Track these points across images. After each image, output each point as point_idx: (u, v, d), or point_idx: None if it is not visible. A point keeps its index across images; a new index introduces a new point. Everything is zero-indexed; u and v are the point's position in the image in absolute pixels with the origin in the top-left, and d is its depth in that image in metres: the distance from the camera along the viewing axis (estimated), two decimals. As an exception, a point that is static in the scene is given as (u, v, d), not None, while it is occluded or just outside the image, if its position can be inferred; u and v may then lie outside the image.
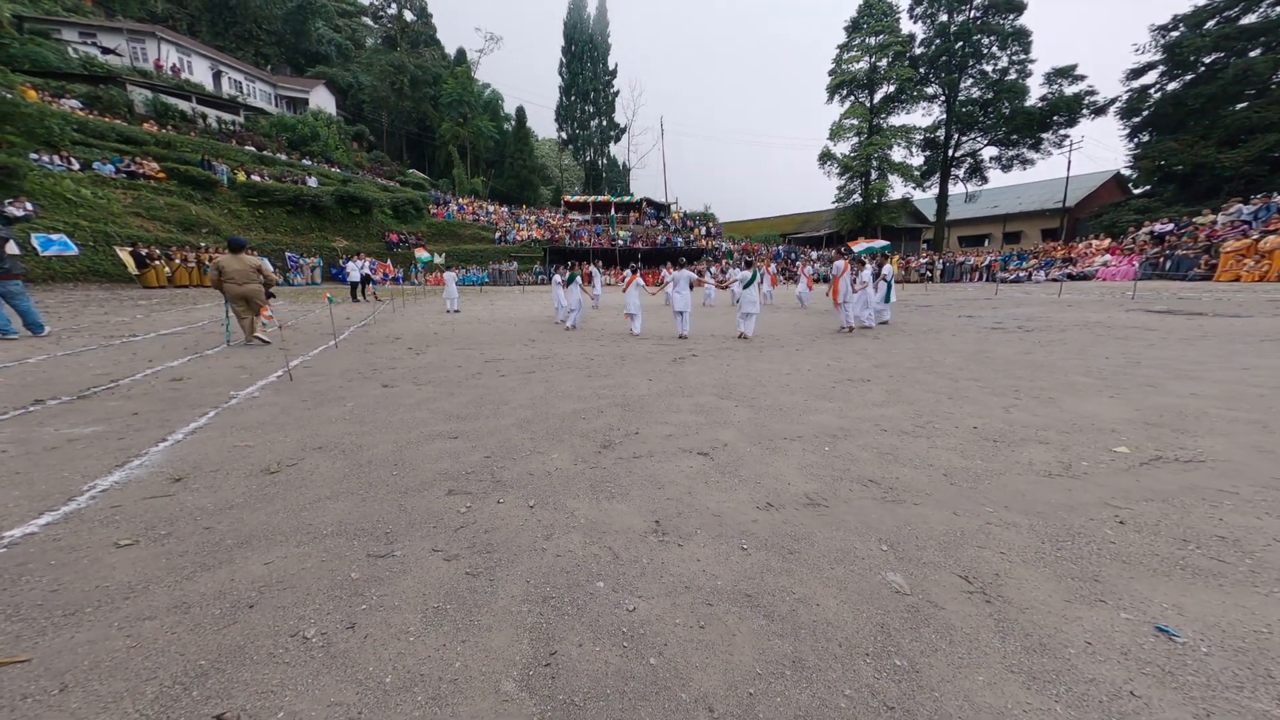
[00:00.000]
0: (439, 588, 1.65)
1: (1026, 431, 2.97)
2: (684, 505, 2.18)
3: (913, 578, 1.63)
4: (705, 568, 1.75)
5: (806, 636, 1.39)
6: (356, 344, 6.77)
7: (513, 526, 2.03)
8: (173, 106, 24.33)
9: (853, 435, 2.99)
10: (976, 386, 4.08)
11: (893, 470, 2.48)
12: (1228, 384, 3.92)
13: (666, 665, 1.33)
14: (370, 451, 2.83)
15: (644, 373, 4.81)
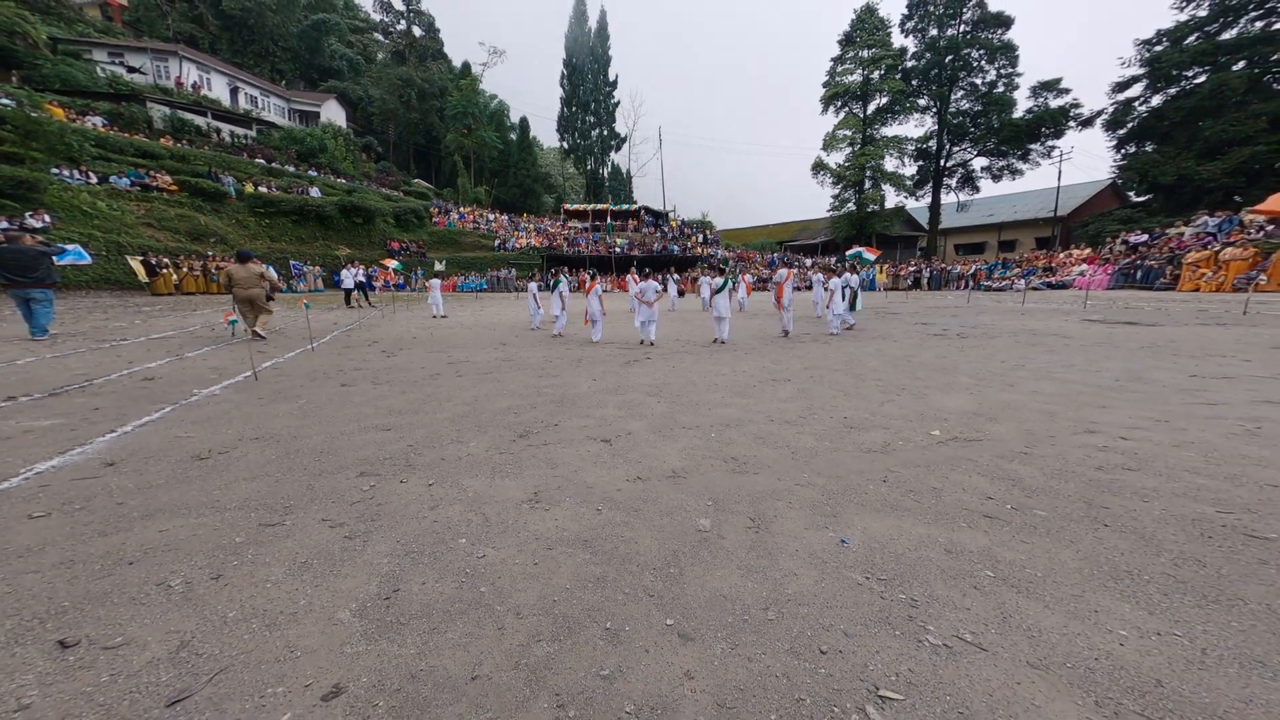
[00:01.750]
0: (313, 548, 1.82)
1: (881, 420, 3.44)
2: (566, 481, 2.49)
3: (717, 521, 2.07)
4: (559, 525, 2.05)
5: (615, 563, 1.77)
6: (334, 347, 7.05)
7: (405, 500, 2.25)
8: (189, 122, 25.83)
9: (743, 425, 3.36)
10: (875, 385, 4.52)
11: (755, 451, 2.90)
12: (1072, 384, 4.40)
13: (493, 590, 1.62)
14: (303, 441, 3.04)
15: (592, 374, 5.11)
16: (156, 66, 28.74)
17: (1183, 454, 2.75)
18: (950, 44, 28.33)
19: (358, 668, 1.31)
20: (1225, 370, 4.83)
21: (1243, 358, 5.38)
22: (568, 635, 1.46)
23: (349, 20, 47.97)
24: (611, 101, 54.06)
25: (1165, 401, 3.78)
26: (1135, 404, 3.73)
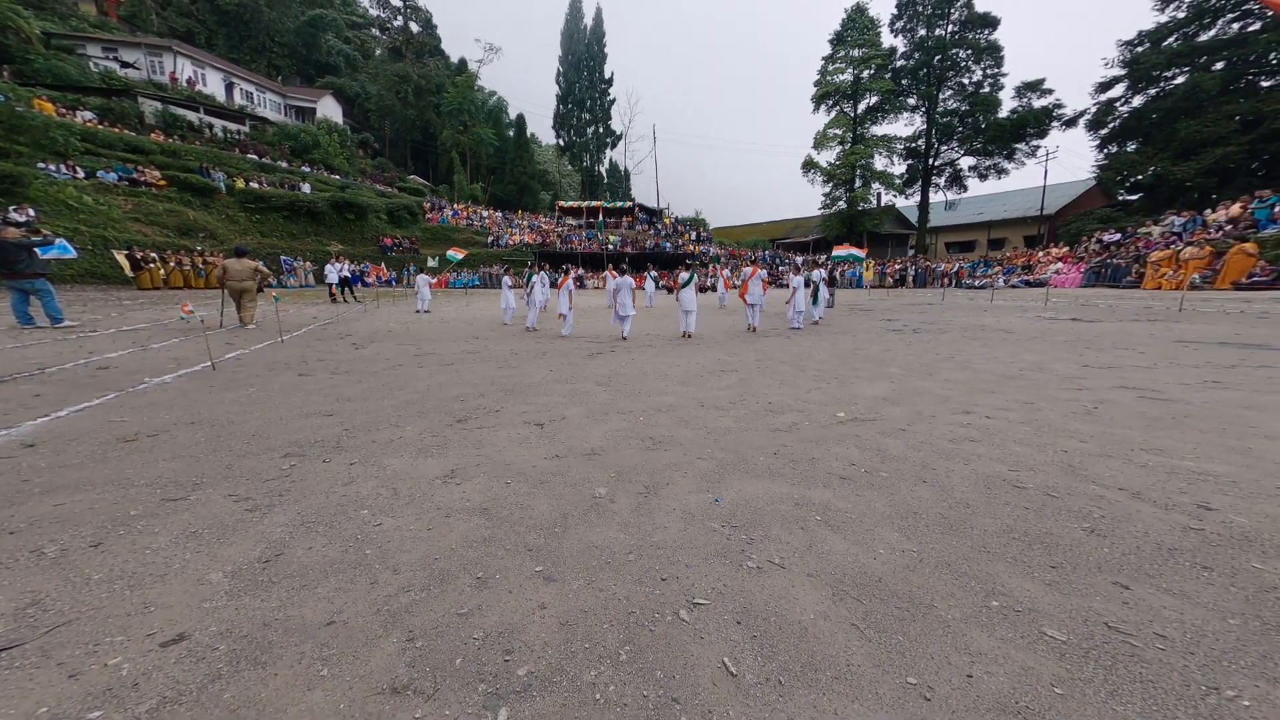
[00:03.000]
0: (208, 519, 1.85)
1: (800, 405, 3.72)
2: (486, 460, 2.59)
3: (613, 490, 2.25)
4: (464, 496, 2.14)
5: (506, 526, 1.91)
6: (306, 340, 7.15)
7: (321, 478, 2.30)
8: (181, 117, 25.91)
9: (674, 410, 3.55)
10: (812, 376, 4.80)
11: (675, 431, 3.10)
12: (982, 373, 4.77)
13: (378, 552, 1.68)
14: (239, 426, 3.07)
15: (551, 366, 5.27)
16: (151, 62, 28.91)
17: (1021, 429, 3.13)
18: (938, 44, 28.55)
19: (210, 620, 1.34)
20: (1115, 361, 5.21)
21: (1140, 351, 5.76)
22: (438, 585, 1.56)
23: (346, 16, 47.94)
24: (607, 99, 54.17)
25: (1045, 388, 4.16)
26: (1020, 390, 4.11)
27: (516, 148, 49.53)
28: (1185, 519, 2.01)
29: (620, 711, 1.15)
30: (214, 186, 21.13)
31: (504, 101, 51.97)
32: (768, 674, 1.27)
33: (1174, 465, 2.53)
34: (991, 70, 27.69)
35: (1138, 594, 1.54)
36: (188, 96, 27.94)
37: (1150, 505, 2.12)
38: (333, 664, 1.25)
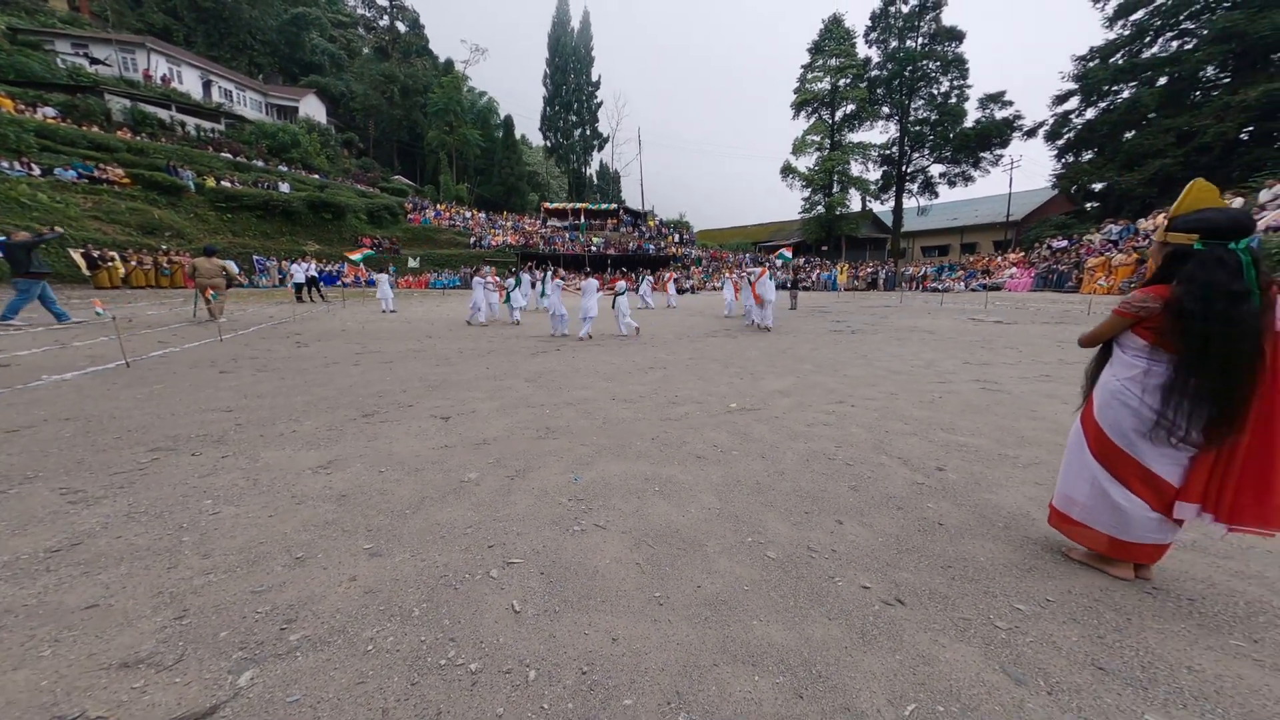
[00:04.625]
0: (18, 512, 1.85)
1: (702, 397, 4.08)
2: (372, 451, 2.65)
3: (484, 474, 2.44)
4: (328, 485, 2.19)
5: (357, 509, 1.99)
6: (250, 339, 7.16)
7: (180, 471, 2.32)
8: (151, 115, 25.47)
9: (584, 403, 3.78)
10: (732, 372, 5.15)
11: (574, 422, 3.31)
12: (879, 369, 5.27)
13: (197, 539, 1.72)
14: (120, 421, 3.04)
15: (490, 364, 5.42)
16: (123, 59, 28.50)
17: (869, 415, 3.62)
18: (909, 56, 29.62)
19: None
20: (991, 359, 5.78)
21: (1019, 350, 6.36)
22: (245, 567, 1.59)
23: (331, 15, 47.59)
24: (594, 102, 54.61)
25: (917, 382, 4.67)
26: (896, 383, 4.62)
27: (504, 149, 49.67)
28: (920, 477, 2.51)
29: (388, 657, 1.25)
30: (182, 185, 20.86)
31: (494, 102, 52.05)
32: (548, 607, 1.48)
33: (951, 440, 3.05)
34: (957, 82, 28.87)
35: (845, 528, 2.02)
36: (162, 94, 27.61)
37: (907, 469, 2.62)
38: (66, 644, 1.24)
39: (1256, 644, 1.38)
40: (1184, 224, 1.49)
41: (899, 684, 1.22)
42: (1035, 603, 1.55)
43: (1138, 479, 1.57)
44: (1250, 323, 1.37)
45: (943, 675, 1.25)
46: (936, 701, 1.17)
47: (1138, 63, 20.86)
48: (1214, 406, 1.43)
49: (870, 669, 1.27)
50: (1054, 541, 1.88)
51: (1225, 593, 1.61)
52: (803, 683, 1.23)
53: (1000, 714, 1.14)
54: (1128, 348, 1.60)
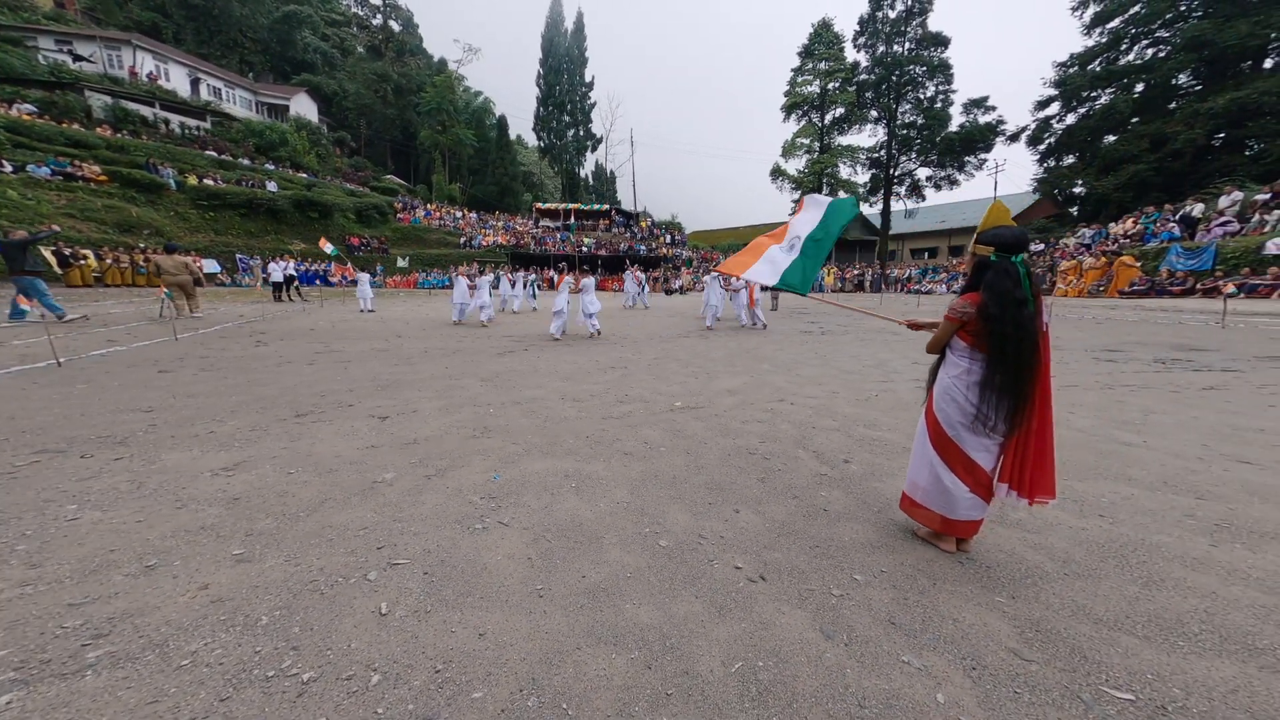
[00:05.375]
0: None
1: (650, 396, 4.16)
2: (289, 452, 2.62)
3: (402, 474, 2.45)
4: (224, 487, 2.19)
5: (244, 513, 1.99)
6: (210, 338, 7.12)
7: (57, 475, 2.30)
8: (134, 112, 25.18)
9: (532, 402, 3.84)
10: (690, 372, 5.25)
11: (514, 421, 3.34)
12: (831, 369, 5.40)
13: (34, 547, 1.69)
14: (23, 421, 3.05)
15: (451, 364, 5.39)
16: (108, 56, 28.23)
17: (804, 413, 3.72)
18: (896, 60, 30.02)
19: None
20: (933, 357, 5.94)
21: None
22: (77, 577, 1.54)
23: (324, 14, 47.36)
24: (588, 102, 54.71)
25: (862, 381, 4.81)
26: (842, 382, 4.74)
27: (498, 149, 49.62)
28: (826, 469, 2.63)
29: (205, 671, 1.19)
30: (161, 183, 20.59)
31: (490, 102, 52.02)
32: (419, 608, 1.46)
33: (869, 435, 3.17)
34: (943, 87, 29.30)
35: (740, 516, 2.13)
36: (147, 91, 27.40)
37: (818, 462, 2.74)
38: None
39: (1013, 600, 1.61)
40: (984, 238, 1.71)
41: (735, 648, 1.36)
42: (871, 574, 1.72)
43: (961, 466, 1.77)
44: (1029, 325, 1.61)
45: (773, 637, 1.40)
46: (759, 658, 1.32)
47: (1114, 70, 21.35)
48: (1013, 398, 1.64)
49: (718, 637, 1.39)
50: (909, 523, 2.03)
51: (1015, 560, 1.82)
52: (654, 656, 1.32)
53: (804, 663, 1.31)
54: (955, 349, 1.79)
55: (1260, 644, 1.39)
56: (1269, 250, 10.70)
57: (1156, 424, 3.31)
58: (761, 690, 1.21)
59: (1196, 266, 11.79)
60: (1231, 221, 12.05)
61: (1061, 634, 1.42)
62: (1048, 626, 1.45)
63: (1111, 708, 1.18)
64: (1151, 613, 1.52)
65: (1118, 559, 1.81)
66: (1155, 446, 2.89)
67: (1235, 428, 3.22)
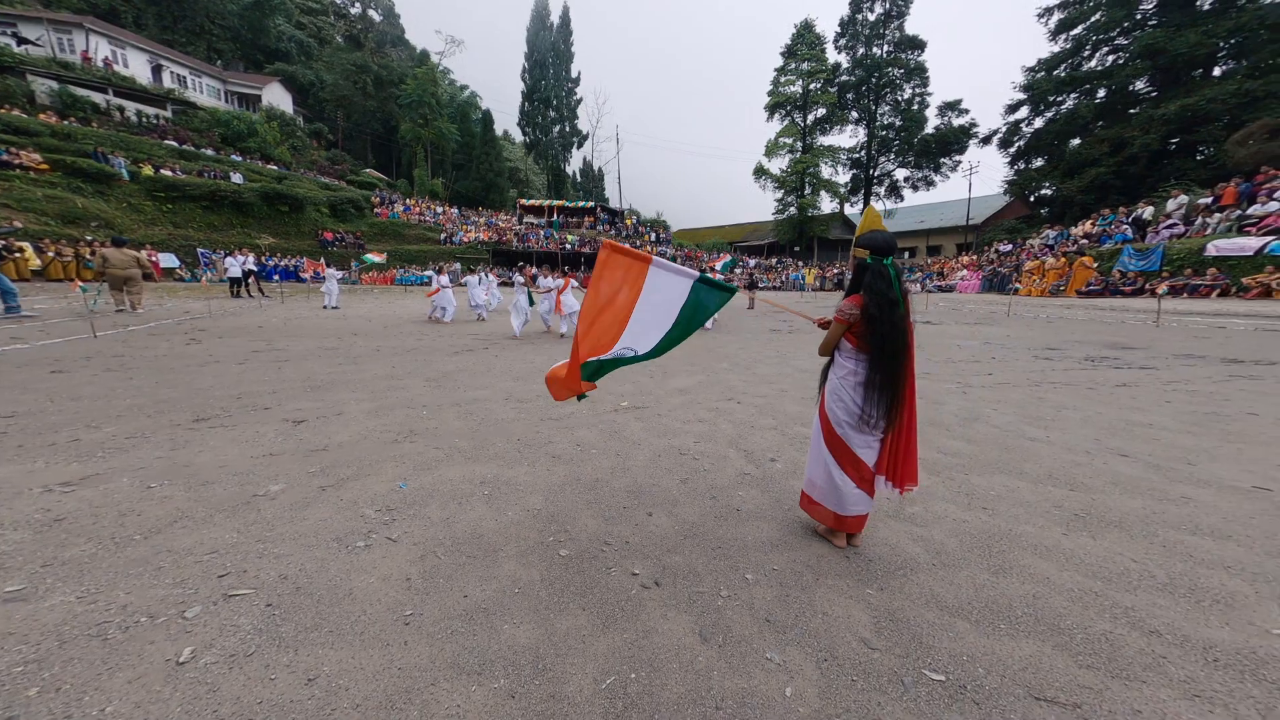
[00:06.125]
0: None
1: (598, 396, 4.07)
2: (165, 463, 2.48)
3: (292, 485, 2.31)
4: (53, 505, 2.04)
5: (65, 535, 1.83)
6: (137, 335, 6.78)
7: None
8: (84, 98, 23.74)
9: (473, 403, 3.76)
10: (646, 371, 5.19)
11: (447, 424, 3.25)
12: (787, 369, 5.46)
13: None
14: None
15: (400, 363, 5.31)
16: (59, 39, 26.64)
17: (747, 412, 3.74)
18: (875, 62, 30.51)
19: None
20: None
21: (920, 349, 6.64)
22: None
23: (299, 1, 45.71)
24: (574, 98, 54.22)
25: (815, 379, 4.88)
26: (792, 382, 4.78)
27: (483, 144, 48.75)
28: (751, 468, 2.66)
29: None
30: (112, 173, 19.39)
31: (476, 96, 50.98)
32: (238, 650, 1.29)
33: (802, 434, 3.21)
34: (919, 89, 29.95)
35: (653, 519, 2.11)
36: (102, 77, 26.00)
37: (745, 461, 2.77)
38: None
39: (881, 591, 1.66)
40: (861, 242, 1.79)
41: (613, 661, 1.32)
42: (762, 573, 1.73)
43: (850, 463, 1.82)
44: (901, 324, 1.69)
45: (652, 645, 1.39)
46: (632, 669, 1.30)
47: (1077, 75, 22.16)
48: (890, 395, 1.70)
49: (597, 651, 1.36)
50: (810, 521, 2.06)
51: (895, 553, 1.88)
52: (522, 681, 1.24)
53: (676, 669, 1.30)
54: (842, 351, 1.85)
55: (1065, 624, 1.48)
56: (1209, 252, 11.28)
57: (1064, 420, 3.46)
58: (628, 705, 1.18)
59: (1146, 267, 12.35)
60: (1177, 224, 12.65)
61: (910, 622, 1.48)
62: (901, 615, 1.52)
63: (925, 689, 1.24)
64: (990, 599, 1.60)
65: (982, 549, 1.89)
66: (1055, 441, 3.02)
67: (1128, 423, 3.37)
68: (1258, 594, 1.61)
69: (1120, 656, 1.35)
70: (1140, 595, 1.62)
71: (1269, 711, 1.17)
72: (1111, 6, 20.48)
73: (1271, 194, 11.41)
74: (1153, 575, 1.73)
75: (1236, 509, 2.19)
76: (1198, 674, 1.29)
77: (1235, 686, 1.24)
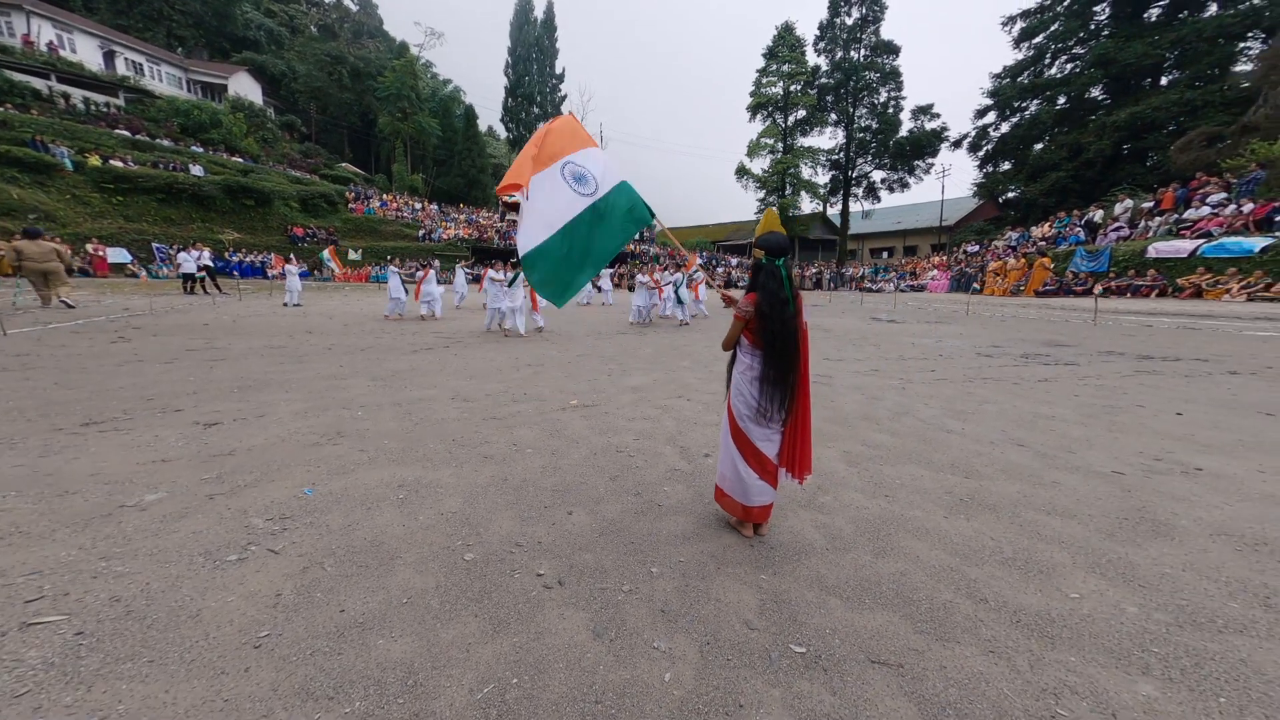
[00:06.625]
0: None
1: (550, 395, 4.08)
2: (23, 471, 2.34)
3: (175, 493, 2.20)
4: None
5: None
6: (58, 333, 6.47)
7: None
8: (21, 84, 22.25)
9: (417, 403, 3.70)
10: (605, 370, 5.21)
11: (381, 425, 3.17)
12: None
13: None
14: None
15: (349, 361, 5.16)
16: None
17: (693, 409, 3.78)
18: (853, 66, 31.17)
19: None
20: (849, 354, 6.33)
21: (878, 347, 6.98)
22: None
23: (268, -14, 43.82)
24: (558, 95, 53.61)
25: None
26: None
27: (466, 139, 47.71)
28: (684, 464, 2.69)
29: None
30: (53, 162, 18.26)
31: (460, 91, 49.78)
32: (7, 691, 1.14)
33: None
34: (894, 93, 30.76)
35: (573, 518, 2.11)
36: (45, 63, 24.45)
37: (679, 457, 2.79)
38: None
39: (774, 576, 1.72)
40: (758, 243, 1.86)
41: (496, 667, 1.27)
42: (668, 565, 1.76)
43: (752, 456, 1.88)
44: (791, 323, 1.76)
45: (542, 646, 1.35)
46: (515, 674, 1.25)
47: (1039, 82, 23.17)
48: (783, 390, 1.77)
49: (480, 658, 1.30)
50: (724, 513, 2.10)
51: (797, 539, 1.94)
52: (383, 701, 1.16)
53: (561, 669, 1.27)
54: (742, 346, 1.91)
55: (917, 597, 1.60)
56: (1149, 254, 11.98)
57: (982, 413, 3.63)
58: (504, 712, 1.14)
59: (1096, 268, 13.03)
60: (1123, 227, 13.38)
61: (791, 602, 1.55)
62: (785, 597, 1.58)
63: (787, 661, 1.32)
64: (865, 578, 1.70)
65: (872, 533, 1.99)
66: (967, 433, 3.16)
67: (1036, 415, 3.56)
68: (1074, 563, 1.78)
69: (949, 622, 1.47)
70: (985, 569, 1.75)
71: (1038, 661, 1.32)
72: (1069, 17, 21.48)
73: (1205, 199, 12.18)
74: (1001, 551, 1.86)
75: (1092, 491, 2.36)
76: (1000, 634, 1.43)
77: (1022, 643, 1.39)
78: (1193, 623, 1.46)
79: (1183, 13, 19.26)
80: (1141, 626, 1.44)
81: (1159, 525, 2.04)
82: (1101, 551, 1.84)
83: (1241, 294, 10.31)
